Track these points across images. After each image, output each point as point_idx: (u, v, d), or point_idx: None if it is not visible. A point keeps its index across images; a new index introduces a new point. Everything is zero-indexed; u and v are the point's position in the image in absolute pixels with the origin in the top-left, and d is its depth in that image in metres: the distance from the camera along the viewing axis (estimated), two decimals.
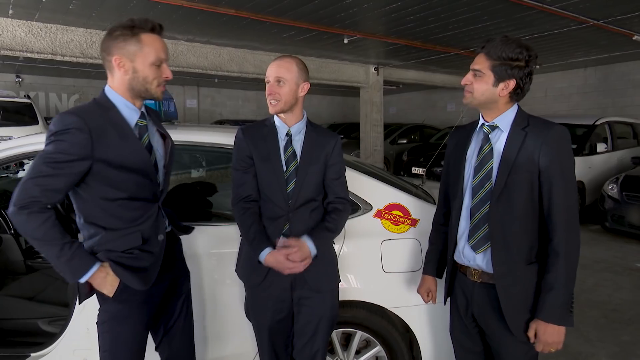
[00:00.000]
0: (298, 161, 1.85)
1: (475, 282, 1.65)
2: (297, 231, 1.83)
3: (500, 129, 1.60)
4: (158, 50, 1.57)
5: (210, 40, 7.65)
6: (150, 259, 1.63)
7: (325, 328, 1.88)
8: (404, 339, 2.17)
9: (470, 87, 1.58)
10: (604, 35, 7.13)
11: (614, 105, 10.32)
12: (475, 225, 1.61)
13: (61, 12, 5.85)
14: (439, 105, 14.99)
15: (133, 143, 1.57)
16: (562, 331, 1.51)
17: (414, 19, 6.29)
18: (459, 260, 1.70)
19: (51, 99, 13.20)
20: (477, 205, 1.61)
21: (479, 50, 1.58)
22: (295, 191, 1.83)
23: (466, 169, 1.66)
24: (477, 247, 1.61)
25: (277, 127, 1.89)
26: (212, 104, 15.76)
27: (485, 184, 1.59)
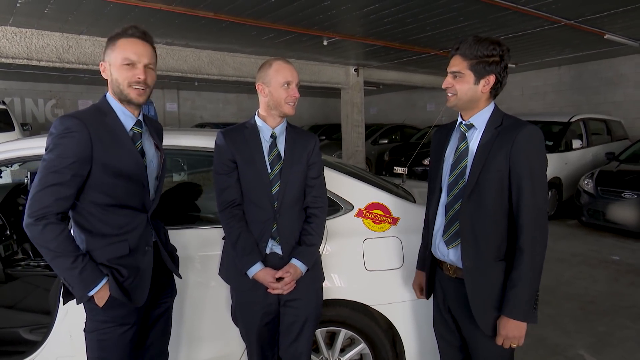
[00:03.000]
0: (282, 162, 1.86)
1: (451, 277, 1.70)
2: (286, 232, 1.86)
3: (475, 128, 1.65)
4: (127, 51, 1.58)
5: (189, 44, 7.61)
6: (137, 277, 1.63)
7: (310, 328, 1.91)
8: (387, 335, 2.21)
9: (452, 89, 1.62)
10: (577, 34, 7.32)
11: (588, 102, 10.59)
12: (449, 221, 1.67)
13: (36, 16, 5.76)
14: (419, 105, 15.16)
15: (128, 147, 1.60)
16: (522, 327, 1.54)
17: (392, 20, 6.37)
18: (436, 254, 1.75)
19: (27, 104, 12.92)
20: (451, 202, 1.66)
21: (453, 53, 1.63)
22: (281, 193, 1.84)
23: (444, 167, 1.71)
24: (449, 242, 1.67)
25: (260, 128, 1.90)
26: (193, 107, 15.64)
27: (459, 181, 1.64)
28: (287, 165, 1.86)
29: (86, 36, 6.80)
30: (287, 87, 1.84)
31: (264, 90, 1.86)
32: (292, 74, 1.86)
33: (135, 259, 1.63)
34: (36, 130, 12.11)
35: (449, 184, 1.67)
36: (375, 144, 11.95)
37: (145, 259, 1.67)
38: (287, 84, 1.84)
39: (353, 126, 10.63)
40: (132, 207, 1.63)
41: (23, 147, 2.13)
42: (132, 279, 1.62)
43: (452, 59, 1.63)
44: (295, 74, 1.87)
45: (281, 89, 1.83)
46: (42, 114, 13.18)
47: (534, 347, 3.05)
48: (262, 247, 1.86)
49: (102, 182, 1.55)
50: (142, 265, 1.65)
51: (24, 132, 8.81)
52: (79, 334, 2.04)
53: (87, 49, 6.86)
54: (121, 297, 1.57)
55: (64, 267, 1.51)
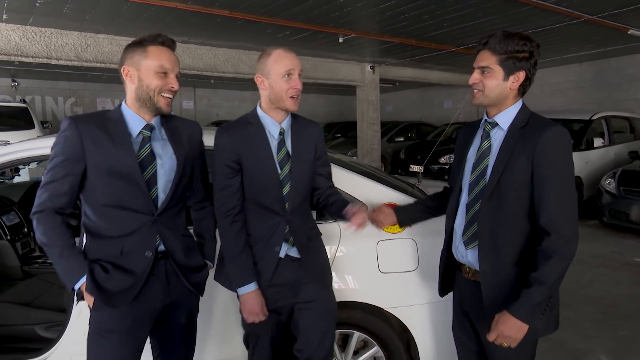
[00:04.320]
0: (291, 162, 1.75)
1: (469, 279, 1.65)
2: (300, 232, 1.77)
3: (500, 127, 1.59)
4: (162, 59, 1.57)
5: (204, 42, 7.63)
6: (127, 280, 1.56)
7: (332, 329, 1.85)
8: (401, 338, 2.17)
9: (479, 85, 1.57)
10: (599, 30, 7.14)
11: (610, 99, 10.34)
12: (468, 222, 1.62)
13: (55, 16, 5.83)
14: (436, 102, 15.00)
15: (124, 148, 1.55)
16: (521, 329, 1.45)
17: (408, 17, 6.28)
18: (455, 255, 1.70)
19: (47, 102, 13.17)
20: (471, 202, 1.61)
21: (480, 48, 1.57)
22: (292, 193, 1.74)
23: (466, 165, 1.67)
24: (468, 243, 1.62)
25: (266, 125, 1.76)
26: (209, 105, 15.74)
27: (480, 181, 1.59)
28: (297, 163, 1.75)
29: (104, 35, 6.87)
30: (288, 77, 1.68)
31: (263, 82, 1.72)
32: (292, 62, 1.70)
33: (128, 261, 1.57)
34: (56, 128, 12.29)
35: (470, 183, 1.62)
36: (391, 142, 11.87)
37: (141, 264, 1.58)
38: (287, 74, 1.68)
39: (369, 124, 10.55)
40: (134, 210, 1.57)
41: (39, 147, 2.15)
42: (118, 281, 1.55)
43: (479, 54, 1.57)
44: (297, 62, 1.71)
45: (282, 80, 1.68)
46: (62, 111, 13.41)
47: (553, 352, 2.98)
48: (276, 251, 1.75)
49: (99, 182, 1.54)
50: (136, 270, 1.57)
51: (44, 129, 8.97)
52: None
53: (105, 48, 6.93)
54: (95, 294, 1.51)
55: (54, 259, 1.53)
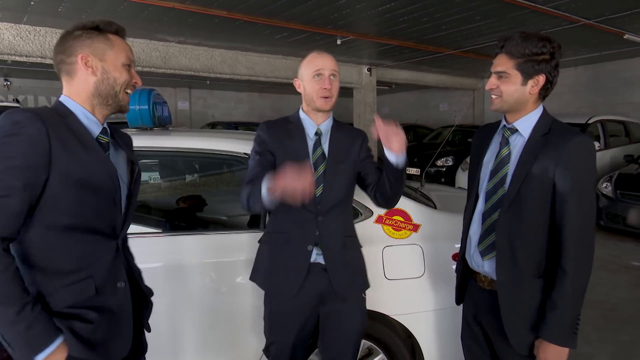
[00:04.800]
0: (326, 163, 1.74)
1: (484, 288, 1.60)
2: (329, 238, 1.73)
3: (519, 133, 1.53)
4: (127, 50, 1.36)
5: (201, 42, 7.58)
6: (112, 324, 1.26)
7: (355, 342, 1.82)
8: (406, 345, 2.14)
9: (496, 90, 1.51)
10: (595, 34, 7.17)
11: (606, 103, 10.38)
12: (485, 231, 1.56)
13: (50, 15, 5.76)
14: (432, 105, 15.01)
15: (97, 153, 1.26)
16: (563, 353, 1.43)
17: (407, 19, 6.27)
18: (470, 264, 1.65)
19: (41, 102, 13.01)
20: (488, 210, 1.56)
21: (497, 51, 1.52)
22: (324, 195, 1.72)
23: (482, 172, 1.61)
24: (484, 253, 1.57)
25: (305, 124, 1.78)
26: (204, 105, 15.65)
27: (498, 189, 1.53)
28: (331, 165, 1.74)
29: None
30: (319, 78, 1.70)
31: (300, 86, 1.77)
32: (323, 62, 1.71)
33: (106, 300, 1.26)
34: None
35: (487, 191, 1.56)
36: None
37: (120, 298, 1.29)
38: (317, 75, 1.70)
39: (365, 126, 10.53)
40: (99, 232, 1.26)
41: None
42: (105, 327, 1.24)
43: (496, 58, 1.52)
44: (330, 62, 1.71)
45: (312, 81, 1.71)
46: None
47: None
48: (309, 251, 1.72)
49: (63, 197, 1.18)
50: (115, 307, 1.28)
51: None
52: None
53: None
54: (90, 356, 1.19)
55: (4, 321, 1.07)
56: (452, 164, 8.67)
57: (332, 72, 1.72)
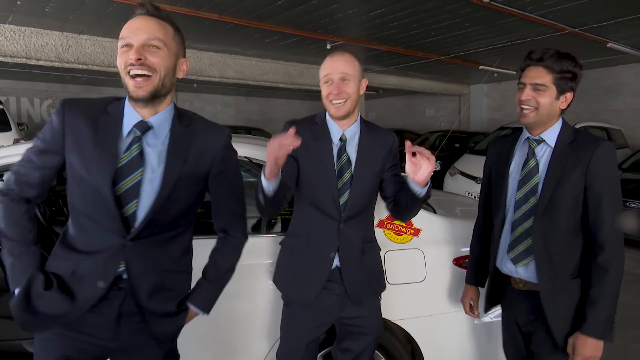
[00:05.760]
0: (352, 170, 1.66)
1: (520, 290, 1.64)
2: (348, 245, 1.69)
3: (546, 143, 1.59)
4: (124, 29, 1.23)
5: (190, 45, 7.53)
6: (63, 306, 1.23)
7: (371, 348, 1.79)
8: (407, 350, 2.13)
9: (532, 102, 1.55)
10: (580, 42, 7.33)
11: (587, 110, 10.61)
12: (516, 239, 1.61)
13: (36, 15, 5.66)
14: (418, 110, 15.15)
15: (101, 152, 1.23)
16: (600, 346, 1.50)
17: (397, 25, 6.33)
18: (502, 270, 1.68)
19: (23, 103, 12.76)
20: (519, 219, 1.60)
21: (532, 63, 1.56)
22: (350, 202, 1.65)
23: (509, 182, 1.65)
24: (517, 260, 1.61)
25: (330, 129, 1.70)
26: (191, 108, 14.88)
27: (530, 198, 1.58)
28: (359, 172, 1.66)
29: (86, 36, 6.71)
30: (329, 83, 1.62)
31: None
32: (332, 66, 1.62)
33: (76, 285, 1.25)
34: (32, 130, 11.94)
35: (517, 200, 1.61)
36: None
37: (88, 294, 1.24)
38: (327, 80, 1.63)
39: None
40: (104, 226, 1.24)
41: None
42: (52, 303, 1.23)
43: (531, 70, 1.55)
44: (339, 65, 1.61)
45: (324, 86, 1.64)
46: (38, 113, 13.01)
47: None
48: (330, 258, 1.67)
49: (71, 185, 1.27)
50: (79, 298, 1.24)
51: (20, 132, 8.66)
52: None
53: (87, 49, 6.76)
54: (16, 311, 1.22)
55: (5, 250, 1.27)
56: (439, 169, 8.74)
57: (342, 75, 1.61)
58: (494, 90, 12.81)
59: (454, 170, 7.59)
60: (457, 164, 7.72)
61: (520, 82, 1.59)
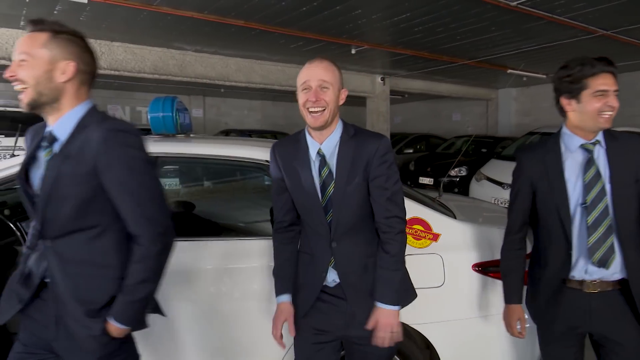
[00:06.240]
0: (334, 183, 1.57)
1: (592, 293, 1.67)
2: (345, 263, 1.61)
3: (600, 145, 1.69)
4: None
5: (217, 51, 7.68)
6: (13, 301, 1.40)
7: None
8: (425, 355, 2.12)
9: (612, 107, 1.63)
10: (613, 45, 7.13)
11: (621, 114, 10.16)
12: (596, 242, 1.63)
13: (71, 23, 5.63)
14: (444, 114, 14.99)
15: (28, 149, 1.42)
16: None
17: (422, 29, 6.30)
18: (581, 277, 1.69)
19: None
20: (596, 221, 1.64)
21: (606, 69, 1.62)
22: (335, 220, 1.58)
23: (572, 190, 1.68)
24: (604, 260, 1.63)
25: (308, 144, 1.62)
26: (218, 113, 15.80)
27: (602, 199, 1.64)
28: (340, 186, 1.56)
29: (118, 43, 6.94)
30: (306, 90, 1.53)
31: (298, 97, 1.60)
32: (310, 73, 1.52)
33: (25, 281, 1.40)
34: None
35: (589, 204, 1.64)
36: (400, 154, 11.83)
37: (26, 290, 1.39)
38: (305, 87, 1.53)
39: None
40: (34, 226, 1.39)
41: None
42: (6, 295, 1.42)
43: (608, 77, 1.62)
44: (317, 72, 1.52)
45: (302, 94, 1.55)
46: None
47: None
48: (323, 277, 1.64)
49: None
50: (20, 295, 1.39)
51: None
52: None
53: (119, 56, 6.99)
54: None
55: None
56: (465, 174, 8.63)
57: (321, 83, 1.52)
58: (522, 94, 12.56)
59: (480, 176, 7.47)
60: (483, 169, 7.60)
61: (601, 90, 1.61)
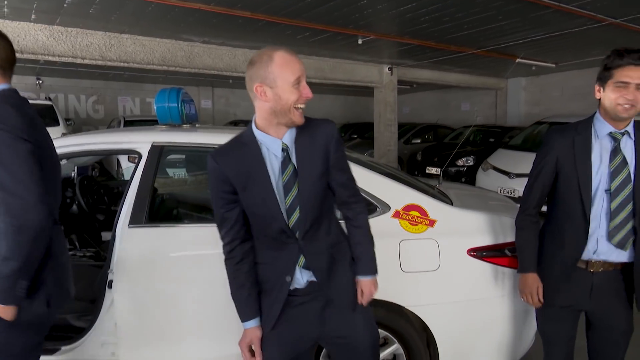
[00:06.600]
0: (298, 180, 1.48)
1: (596, 272, 1.81)
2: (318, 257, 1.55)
3: (628, 136, 1.77)
4: None
5: (225, 42, 7.74)
6: None
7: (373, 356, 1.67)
8: (422, 337, 2.20)
9: (633, 100, 1.68)
10: (622, 34, 7.06)
11: None
12: (617, 226, 1.74)
13: (81, 16, 5.99)
14: (453, 104, 14.92)
15: None
16: None
17: (429, 19, 6.29)
18: (588, 257, 1.81)
19: (70, 100, 13.47)
20: (619, 207, 1.74)
21: (633, 62, 1.66)
22: (302, 218, 1.49)
23: (595, 174, 1.77)
24: (623, 243, 1.75)
25: (263, 143, 1.48)
26: (226, 104, 15.90)
27: (627, 185, 1.73)
28: (306, 181, 1.48)
29: (127, 35, 7.02)
30: (298, 85, 1.44)
31: (265, 93, 1.43)
32: (301, 67, 1.44)
33: None
34: (78, 125, 12.60)
35: (613, 190, 1.74)
36: (408, 144, 11.85)
37: None
38: (297, 82, 1.43)
39: (386, 125, 10.57)
40: None
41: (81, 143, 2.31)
42: None
43: (633, 70, 1.66)
44: (302, 66, 1.45)
45: (292, 89, 1.42)
46: (84, 109, 13.70)
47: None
48: (287, 282, 1.53)
49: None
50: None
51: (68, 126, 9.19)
52: (123, 322, 2.14)
53: (128, 48, 7.08)
54: None
55: None
56: (472, 164, 8.63)
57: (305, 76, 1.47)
58: (532, 83, 12.45)
59: (486, 166, 7.48)
60: (490, 159, 7.61)
61: (622, 81, 1.67)
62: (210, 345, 2.16)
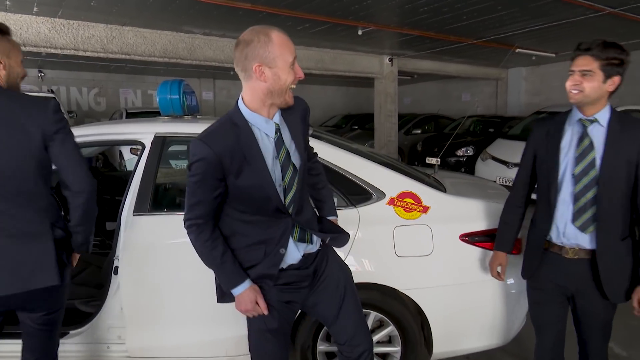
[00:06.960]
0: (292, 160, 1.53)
1: (571, 258, 1.87)
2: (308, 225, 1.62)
3: (599, 124, 1.81)
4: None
5: (226, 34, 7.77)
6: None
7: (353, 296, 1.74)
8: (416, 319, 2.29)
9: (580, 86, 1.78)
10: (621, 23, 7.06)
11: (632, 93, 10.11)
12: (580, 209, 1.82)
13: (83, 8, 6.03)
14: (454, 95, 14.92)
15: None
16: None
17: (428, 9, 6.32)
18: (557, 241, 1.89)
19: (72, 93, 13.51)
20: (581, 190, 1.81)
21: (580, 53, 1.79)
22: (297, 195, 1.54)
23: (562, 159, 1.85)
24: (584, 227, 1.82)
25: (255, 124, 1.47)
26: (228, 96, 15.92)
27: (589, 171, 1.79)
28: (298, 158, 1.56)
29: (129, 27, 7.06)
30: (293, 66, 1.46)
31: (264, 73, 1.40)
32: (292, 47, 1.46)
33: None
34: (80, 118, 12.66)
35: (576, 174, 1.82)
36: (408, 134, 11.89)
37: None
38: (293, 62, 1.46)
39: (386, 116, 10.60)
40: None
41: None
42: None
43: (580, 59, 1.78)
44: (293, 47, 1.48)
45: (290, 69, 1.43)
46: (86, 101, 13.75)
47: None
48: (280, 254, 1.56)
49: None
50: None
51: (70, 119, 9.26)
52: (129, 307, 2.22)
53: (130, 40, 7.12)
54: None
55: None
56: (472, 154, 8.69)
57: None
58: (532, 73, 12.44)
59: (485, 155, 7.54)
60: (489, 149, 7.67)
61: (570, 69, 1.82)
62: (213, 327, 2.24)
